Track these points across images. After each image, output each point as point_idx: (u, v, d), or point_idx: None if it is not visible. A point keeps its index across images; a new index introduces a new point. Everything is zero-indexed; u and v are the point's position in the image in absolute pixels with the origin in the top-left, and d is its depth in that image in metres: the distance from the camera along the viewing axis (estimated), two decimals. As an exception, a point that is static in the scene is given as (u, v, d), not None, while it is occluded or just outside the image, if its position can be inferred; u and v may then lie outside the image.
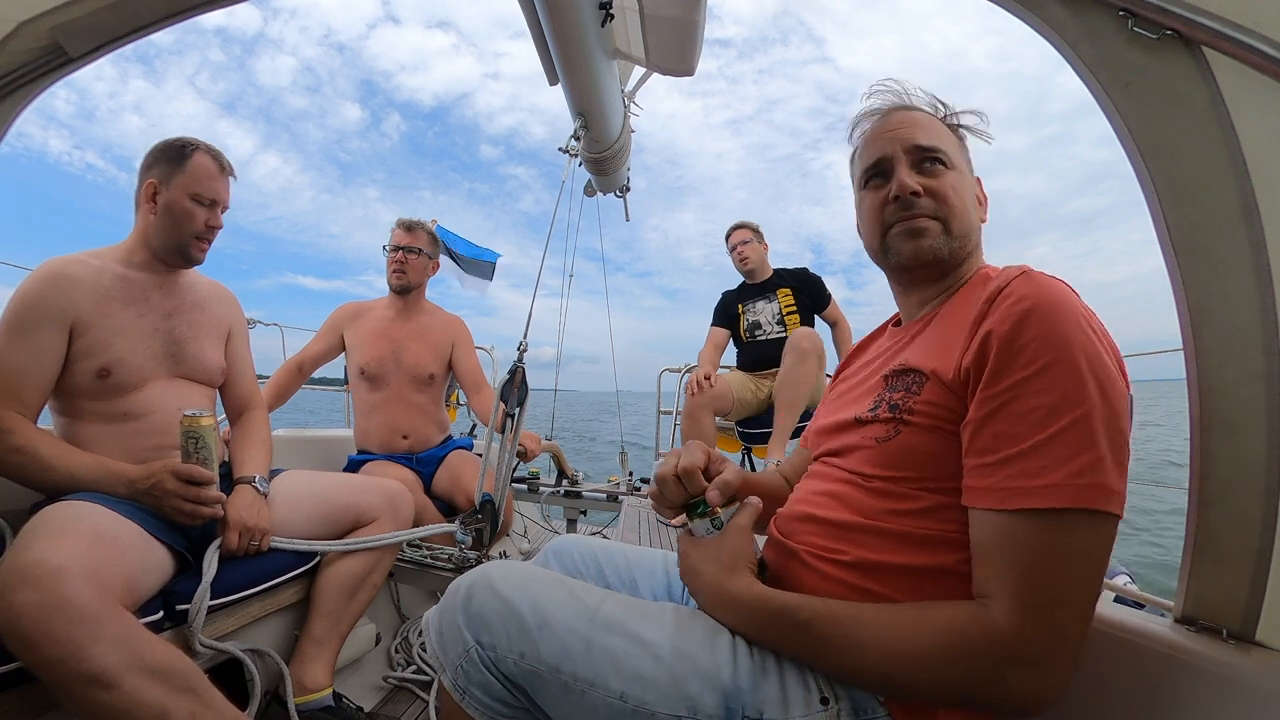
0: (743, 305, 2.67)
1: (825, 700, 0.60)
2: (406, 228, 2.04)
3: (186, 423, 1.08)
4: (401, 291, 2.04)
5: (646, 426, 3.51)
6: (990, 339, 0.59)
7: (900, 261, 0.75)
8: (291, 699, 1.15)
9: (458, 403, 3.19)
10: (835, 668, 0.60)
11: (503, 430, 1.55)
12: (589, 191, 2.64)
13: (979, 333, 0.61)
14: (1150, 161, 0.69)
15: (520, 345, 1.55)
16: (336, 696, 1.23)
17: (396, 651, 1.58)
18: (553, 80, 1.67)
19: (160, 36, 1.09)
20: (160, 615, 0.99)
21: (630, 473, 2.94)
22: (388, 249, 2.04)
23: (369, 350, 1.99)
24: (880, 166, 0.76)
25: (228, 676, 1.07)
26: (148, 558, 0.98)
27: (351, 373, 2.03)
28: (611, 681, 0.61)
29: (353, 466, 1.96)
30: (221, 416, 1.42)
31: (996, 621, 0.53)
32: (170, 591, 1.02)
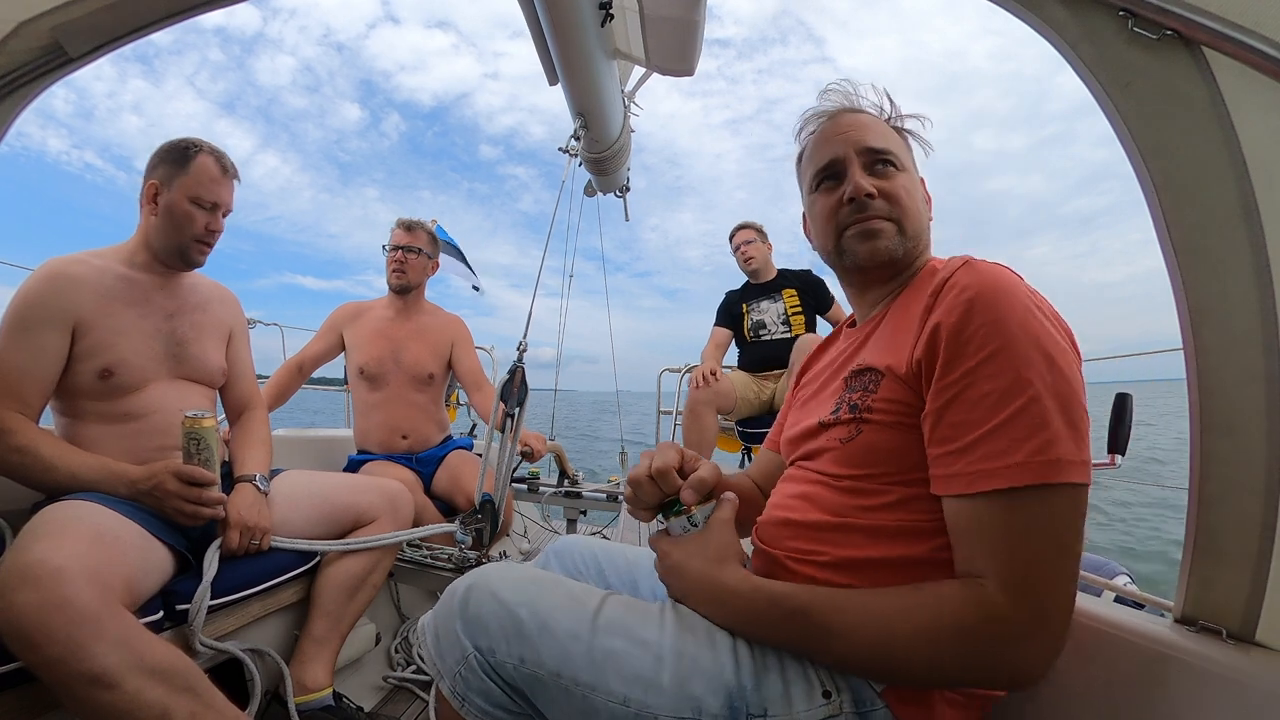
0: (747, 305, 2.67)
1: (827, 694, 0.61)
2: (406, 227, 2.05)
3: (188, 424, 1.08)
4: (401, 291, 2.04)
5: (646, 426, 3.51)
6: (939, 331, 0.60)
7: (857, 263, 0.76)
8: (291, 699, 1.15)
9: (458, 402, 3.18)
10: (832, 653, 0.60)
11: (503, 430, 1.55)
12: (589, 191, 2.64)
13: (927, 326, 0.62)
14: (1150, 161, 0.68)
15: (520, 345, 1.55)
16: (336, 696, 1.23)
17: (396, 651, 1.57)
18: (552, 80, 1.67)
19: (159, 36, 1.09)
20: (160, 615, 0.99)
21: None
22: (387, 249, 2.04)
23: (368, 350, 1.99)
24: (832, 168, 0.77)
25: (228, 676, 1.07)
26: (148, 558, 0.98)
27: (351, 372, 2.03)
28: (614, 685, 0.60)
29: (352, 466, 1.96)
30: (221, 416, 1.42)
31: (985, 599, 0.54)
32: (170, 591, 1.02)
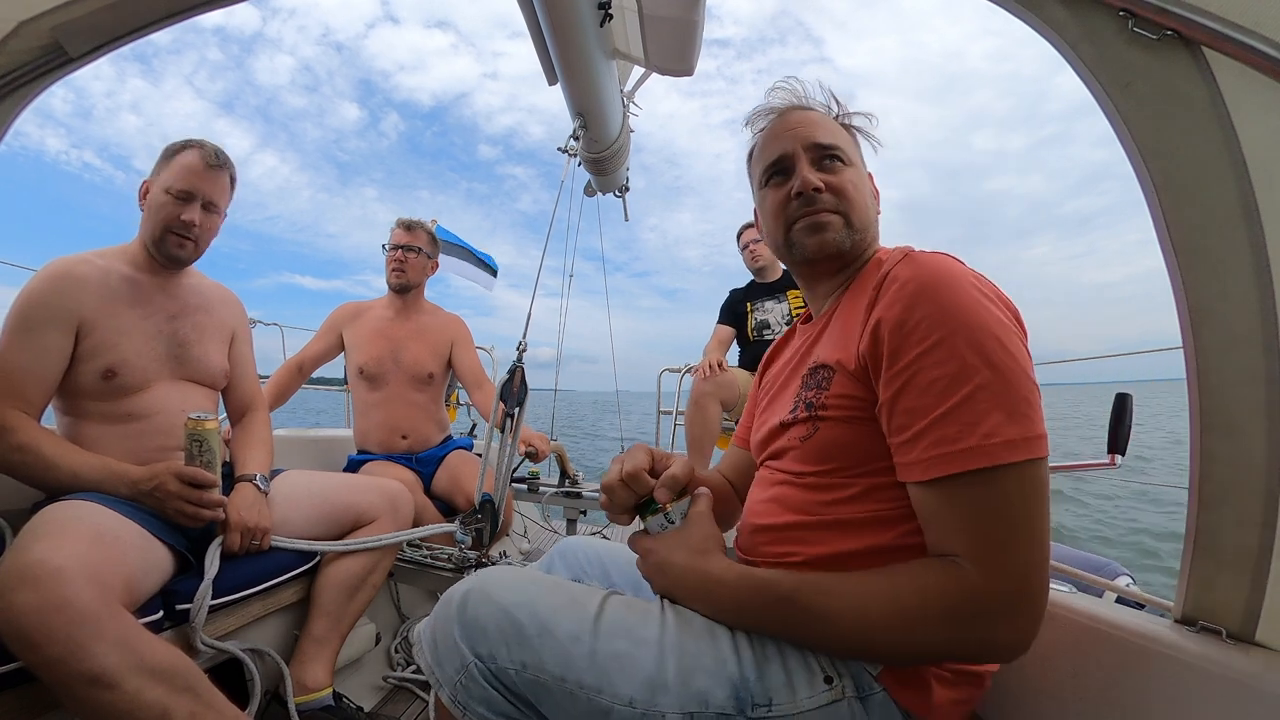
0: (751, 304, 2.67)
1: (829, 679, 0.61)
2: (406, 227, 2.05)
3: (191, 426, 1.08)
4: (401, 291, 2.04)
5: (646, 426, 3.51)
6: (881, 326, 0.62)
7: (805, 255, 0.77)
8: (291, 698, 1.15)
9: (458, 402, 3.18)
10: (819, 637, 0.61)
11: (503, 429, 1.54)
12: (589, 191, 2.63)
13: (870, 321, 0.64)
14: (1150, 161, 0.69)
15: (520, 345, 1.54)
16: (336, 696, 1.23)
17: (396, 651, 1.57)
18: (552, 80, 1.67)
19: (158, 36, 1.09)
20: (160, 615, 0.99)
21: None
22: (387, 248, 2.04)
23: (368, 350, 1.99)
24: (781, 164, 0.78)
25: (228, 676, 1.07)
26: (148, 557, 0.98)
27: (351, 372, 2.03)
28: (620, 686, 0.60)
29: (352, 466, 1.96)
30: (222, 416, 1.42)
31: (962, 576, 0.55)
32: (170, 591, 1.02)
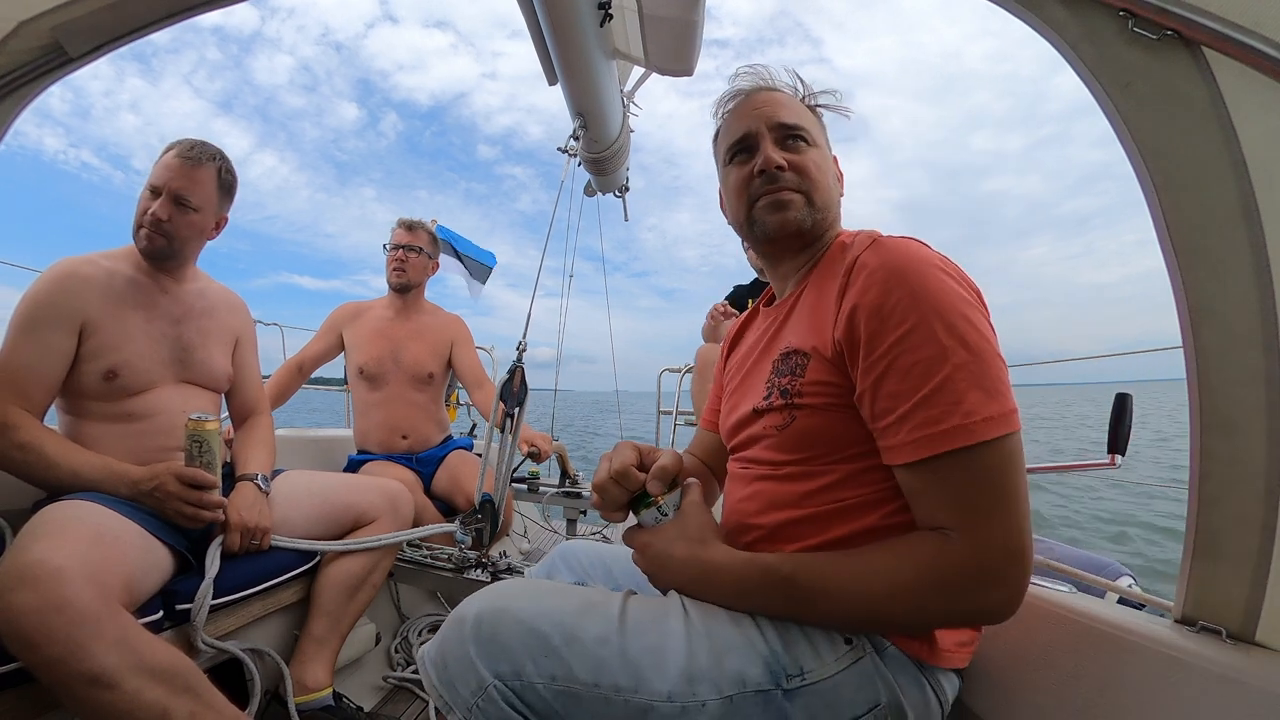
0: (754, 301, 2.66)
1: (849, 640, 0.63)
2: (407, 227, 2.05)
3: (192, 426, 1.08)
4: (401, 290, 2.04)
5: (645, 425, 3.51)
6: (857, 312, 0.63)
7: (766, 233, 0.78)
8: (291, 698, 1.15)
9: (458, 402, 3.18)
10: (823, 614, 0.63)
11: (503, 429, 1.54)
12: (589, 191, 2.63)
13: (844, 307, 0.64)
14: (1150, 161, 0.68)
15: (519, 345, 1.55)
16: (336, 696, 1.23)
17: (396, 651, 1.57)
18: (552, 80, 1.67)
19: (157, 35, 1.09)
20: (160, 615, 0.99)
21: None
22: (388, 248, 2.04)
23: (368, 350, 1.99)
24: (745, 142, 0.79)
25: (228, 676, 1.07)
26: (148, 558, 0.98)
27: (351, 372, 2.03)
28: (655, 682, 0.60)
29: (352, 466, 1.96)
30: (223, 416, 1.42)
31: (953, 549, 0.57)
32: (170, 591, 1.02)
